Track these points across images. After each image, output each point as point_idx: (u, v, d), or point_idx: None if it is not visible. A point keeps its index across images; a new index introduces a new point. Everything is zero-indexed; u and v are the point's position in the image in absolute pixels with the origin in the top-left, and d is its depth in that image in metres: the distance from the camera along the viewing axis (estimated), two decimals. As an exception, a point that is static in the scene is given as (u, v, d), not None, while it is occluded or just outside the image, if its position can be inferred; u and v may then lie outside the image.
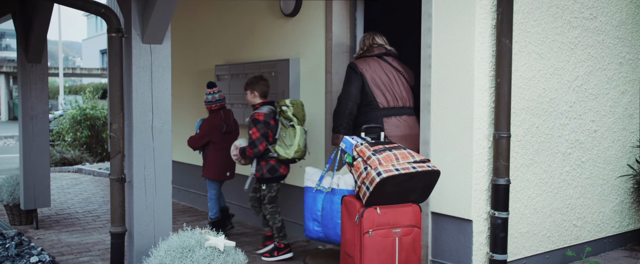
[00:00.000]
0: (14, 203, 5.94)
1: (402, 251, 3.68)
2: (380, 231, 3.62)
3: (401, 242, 3.67)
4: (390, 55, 4.50)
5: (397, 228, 3.67)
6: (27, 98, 5.74)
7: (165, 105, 3.68)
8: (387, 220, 3.65)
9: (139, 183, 3.60)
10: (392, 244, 3.64)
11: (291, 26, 5.50)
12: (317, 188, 4.14)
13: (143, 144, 3.60)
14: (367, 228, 3.60)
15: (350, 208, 3.77)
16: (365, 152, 3.70)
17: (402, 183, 3.60)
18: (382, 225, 3.63)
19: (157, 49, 3.63)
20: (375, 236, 3.60)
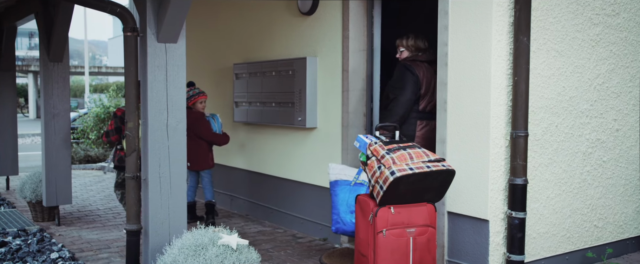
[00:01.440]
0: (37, 199, 6.04)
1: (417, 251, 3.65)
2: (394, 230, 3.59)
3: (415, 242, 3.64)
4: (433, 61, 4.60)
5: (411, 227, 3.64)
6: (49, 96, 5.83)
7: (180, 104, 3.71)
8: (401, 220, 3.62)
9: (154, 181, 3.62)
10: (407, 244, 3.62)
11: (308, 24, 5.49)
12: (357, 182, 4.20)
13: (158, 142, 3.63)
14: (381, 228, 3.57)
15: (364, 207, 3.75)
16: (379, 151, 3.67)
17: (416, 182, 3.57)
18: (396, 225, 3.60)
19: (172, 48, 3.65)
20: (389, 235, 3.57)
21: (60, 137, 5.88)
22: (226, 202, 6.85)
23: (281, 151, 5.83)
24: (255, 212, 6.32)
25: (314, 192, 5.46)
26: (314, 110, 5.41)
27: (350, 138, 5.07)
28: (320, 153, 5.36)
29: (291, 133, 5.68)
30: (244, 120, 6.34)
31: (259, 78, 6.01)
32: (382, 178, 3.55)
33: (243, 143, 6.50)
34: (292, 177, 5.68)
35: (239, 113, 6.43)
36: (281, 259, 4.83)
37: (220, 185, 6.93)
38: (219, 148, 6.54)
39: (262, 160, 6.16)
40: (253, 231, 5.80)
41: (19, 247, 4.87)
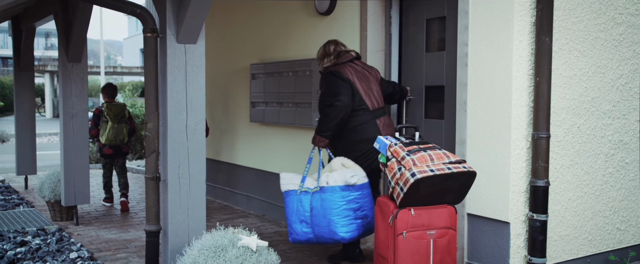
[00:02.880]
0: (55, 199, 6.08)
1: (437, 253, 3.62)
2: (415, 232, 3.57)
3: (436, 244, 3.61)
4: (358, 59, 4.58)
5: (431, 229, 3.60)
6: (68, 96, 5.86)
7: (199, 105, 3.70)
8: (421, 222, 3.59)
9: (174, 182, 3.62)
10: (427, 246, 3.59)
11: (326, 25, 5.47)
12: (302, 190, 4.16)
13: (177, 143, 3.63)
14: (401, 230, 3.55)
15: (384, 209, 3.72)
16: (399, 152, 3.65)
17: (436, 184, 3.54)
18: (416, 227, 3.57)
19: (191, 49, 3.65)
20: (409, 237, 3.54)
21: (79, 137, 5.91)
22: (242, 202, 6.85)
23: (298, 152, 5.82)
24: (271, 212, 6.31)
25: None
26: (332, 110, 5.38)
27: (368, 139, 5.04)
28: (337, 154, 5.33)
29: (308, 133, 5.66)
30: (261, 120, 6.33)
31: (275, 79, 6.00)
32: (402, 179, 3.53)
33: (260, 143, 6.49)
34: (309, 178, 5.65)
35: (256, 114, 6.43)
36: (299, 260, 4.82)
37: (236, 185, 6.93)
38: (236, 148, 6.55)
39: (278, 160, 6.15)
40: (270, 231, 5.79)
41: (39, 246, 4.90)
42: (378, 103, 4.47)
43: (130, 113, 6.92)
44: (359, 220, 4.04)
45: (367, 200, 4.09)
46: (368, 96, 4.42)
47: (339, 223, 3.99)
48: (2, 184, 8.43)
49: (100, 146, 6.84)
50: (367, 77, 4.49)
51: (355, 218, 4.03)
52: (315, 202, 4.08)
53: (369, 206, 4.10)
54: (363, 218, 4.04)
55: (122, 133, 6.77)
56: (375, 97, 4.46)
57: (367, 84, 4.45)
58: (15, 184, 8.65)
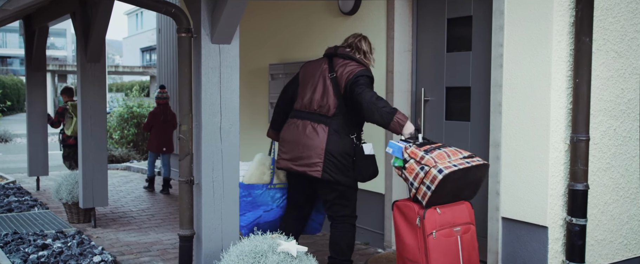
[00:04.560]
0: (73, 201, 6.00)
1: (465, 249, 3.55)
2: (443, 231, 3.49)
3: (462, 240, 3.55)
4: (341, 56, 4.01)
5: (456, 226, 3.54)
6: (86, 97, 5.78)
7: (233, 106, 3.62)
8: (447, 220, 3.51)
9: (207, 186, 3.54)
10: (455, 243, 3.52)
11: (349, 24, 5.39)
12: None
13: (211, 146, 3.55)
14: (430, 230, 3.45)
15: (407, 213, 3.60)
16: (417, 153, 3.53)
17: (459, 179, 3.46)
18: (443, 225, 3.50)
19: (225, 49, 3.57)
20: (439, 237, 3.46)
21: (97, 138, 5.83)
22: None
23: (320, 154, 5.74)
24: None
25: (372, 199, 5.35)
26: (356, 111, 5.31)
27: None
28: (362, 156, 5.26)
29: (331, 135, 5.58)
30: (280, 122, 6.24)
31: (296, 79, 5.92)
32: (429, 177, 3.43)
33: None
34: (332, 180, 5.58)
35: (275, 115, 6.34)
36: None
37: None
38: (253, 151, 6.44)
39: (299, 162, 6.07)
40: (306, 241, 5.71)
41: (61, 250, 4.82)
42: (311, 106, 3.95)
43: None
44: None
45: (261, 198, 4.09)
46: (303, 95, 4.02)
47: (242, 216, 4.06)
48: (14, 185, 8.34)
49: (64, 138, 8.22)
50: (315, 76, 4.00)
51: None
52: None
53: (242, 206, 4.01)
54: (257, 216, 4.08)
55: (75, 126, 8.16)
56: (312, 98, 3.96)
57: (312, 83, 4.00)
58: (26, 185, 8.56)
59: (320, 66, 4.03)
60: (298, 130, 3.95)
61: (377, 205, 5.16)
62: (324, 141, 3.84)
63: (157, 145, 8.07)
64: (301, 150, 3.89)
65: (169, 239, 5.51)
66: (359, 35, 4.15)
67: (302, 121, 3.95)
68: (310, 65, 4.12)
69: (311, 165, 3.84)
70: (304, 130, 3.91)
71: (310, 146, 3.86)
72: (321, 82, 3.94)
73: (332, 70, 3.94)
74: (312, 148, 3.86)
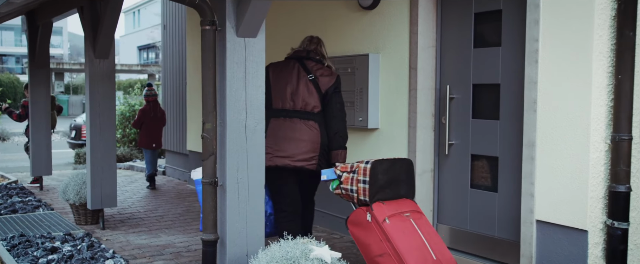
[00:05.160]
0: (80, 202, 5.79)
1: (423, 230, 3.68)
2: (394, 216, 3.65)
3: (417, 223, 3.70)
4: (312, 59, 4.26)
5: (405, 212, 3.73)
6: (95, 94, 5.57)
7: (258, 104, 3.44)
8: (393, 208, 3.70)
9: (232, 187, 3.36)
10: (411, 225, 3.67)
11: (369, 20, 5.20)
12: None
13: (236, 145, 3.36)
14: (382, 218, 3.60)
15: (357, 219, 3.74)
16: (346, 166, 3.81)
17: (389, 170, 3.72)
18: (392, 212, 3.66)
19: (251, 43, 3.38)
20: (392, 221, 3.61)
21: (106, 137, 5.63)
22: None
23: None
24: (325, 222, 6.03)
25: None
26: (376, 109, 5.13)
27: (418, 140, 4.79)
28: (382, 156, 5.08)
29: (350, 134, 5.37)
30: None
31: (312, 76, 5.73)
32: (361, 173, 3.69)
33: (292, 143, 6.22)
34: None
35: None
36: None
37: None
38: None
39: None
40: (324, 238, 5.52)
41: (71, 254, 4.62)
42: (295, 106, 4.14)
43: (54, 98, 8.79)
44: None
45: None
46: (282, 95, 4.15)
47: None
48: (16, 185, 8.13)
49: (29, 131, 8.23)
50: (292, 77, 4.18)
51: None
52: None
53: None
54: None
55: (54, 119, 8.52)
56: (296, 98, 4.14)
57: (291, 84, 4.17)
58: (29, 185, 8.34)
59: (292, 68, 4.22)
60: (291, 127, 4.10)
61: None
62: (318, 136, 4.13)
63: (148, 141, 8.22)
64: (297, 146, 4.07)
65: (181, 242, 5.31)
66: (317, 39, 4.42)
67: (290, 119, 4.12)
68: (279, 67, 4.28)
69: (308, 159, 4.08)
70: (297, 127, 4.10)
71: (306, 142, 4.09)
72: (303, 83, 4.15)
73: (308, 72, 4.18)
74: (308, 143, 4.09)
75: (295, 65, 4.23)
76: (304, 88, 4.15)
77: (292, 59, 4.30)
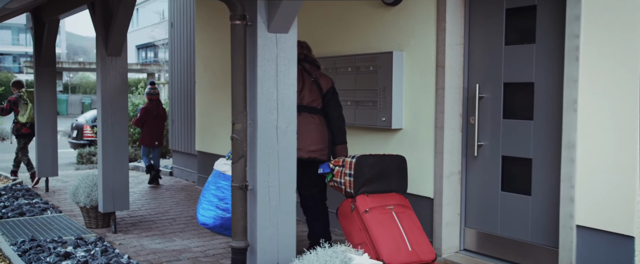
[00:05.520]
0: (91, 205, 5.60)
1: (402, 221, 3.86)
2: (376, 208, 3.85)
3: (399, 216, 3.88)
4: (309, 62, 4.56)
5: (388, 205, 3.91)
6: (107, 93, 5.38)
7: (290, 103, 3.26)
8: (377, 201, 3.90)
9: (263, 191, 3.17)
10: (392, 217, 3.85)
11: (392, 16, 5.02)
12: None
13: (267, 147, 3.18)
14: (363, 209, 3.83)
15: (344, 210, 4.02)
16: (339, 160, 4.07)
17: (376, 165, 3.96)
18: (375, 205, 3.87)
19: (283, 39, 3.20)
20: (372, 212, 3.82)
21: (118, 138, 5.44)
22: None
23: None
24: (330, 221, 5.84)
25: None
26: (400, 109, 4.95)
27: (445, 141, 4.61)
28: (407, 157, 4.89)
29: (372, 135, 5.22)
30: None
31: (331, 75, 5.53)
32: (347, 167, 3.96)
33: (309, 144, 6.04)
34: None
35: (305, 113, 5.97)
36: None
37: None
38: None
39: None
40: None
41: (85, 259, 4.43)
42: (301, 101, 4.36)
43: None
44: (220, 211, 3.89)
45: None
46: None
47: (202, 205, 3.96)
48: (20, 186, 7.92)
49: (17, 127, 8.23)
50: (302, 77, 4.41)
51: (217, 207, 3.90)
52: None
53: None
54: (224, 210, 3.85)
55: None
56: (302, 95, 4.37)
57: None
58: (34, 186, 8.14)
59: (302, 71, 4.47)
60: (305, 120, 4.32)
61: (425, 210, 4.80)
62: (325, 128, 4.43)
63: (150, 139, 8.30)
64: (309, 137, 4.31)
65: (198, 246, 5.13)
66: (307, 45, 4.65)
67: (299, 114, 4.25)
68: None
69: (318, 150, 4.34)
70: (306, 121, 4.33)
71: (316, 133, 4.36)
72: (307, 82, 4.42)
73: (309, 74, 4.47)
74: (318, 134, 4.37)
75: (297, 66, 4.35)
76: (308, 87, 4.41)
77: None
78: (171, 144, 9.64)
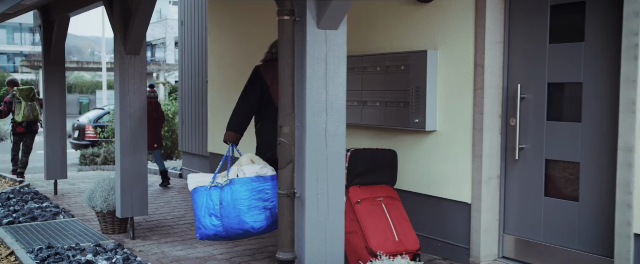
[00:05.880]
0: (108, 209, 5.37)
1: (391, 212, 4.15)
2: (366, 200, 4.13)
3: (388, 208, 4.18)
4: None
5: (378, 197, 4.20)
6: (125, 93, 5.15)
7: (339, 105, 3.05)
8: (368, 193, 4.19)
9: (311, 199, 2.97)
10: (380, 207, 4.14)
11: (425, 14, 4.81)
12: (212, 185, 4.13)
13: (315, 151, 2.97)
14: (355, 200, 4.09)
15: None
16: None
17: (369, 159, 4.25)
18: (366, 196, 4.15)
19: (332, 36, 2.99)
20: (363, 203, 4.10)
21: (137, 140, 5.21)
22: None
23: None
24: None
25: (432, 205, 4.80)
26: (434, 110, 4.75)
27: (484, 144, 4.41)
28: (440, 161, 4.70)
29: (403, 136, 5.01)
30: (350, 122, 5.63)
31: (358, 75, 5.34)
32: None
33: (332, 146, 5.82)
34: (404, 187, 5.00)
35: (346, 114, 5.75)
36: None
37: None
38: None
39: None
40: (356, 247, 5.13)
41: (108, 269, 4.21)
42: None
43: (36, 92, 8.64)
44: (268, 211, 3.97)
45: (275, 191, 4.00)
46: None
47: (248, 213, 3.95)
48: (28, 189, 7.68)
49: (13, 126, 8.43)
50: None
51: (265, 208, 3.97)
52: (225, 195, 4.07)
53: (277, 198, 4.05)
54: (271, 209, 3.97)
55: (36, 110, 8.40)
56: None
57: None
58: (42, 189, 7.90)
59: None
60: None
61: (461, 216, 4.60)
62: None
63: (149, 142, 8.18)
64: None
65: (221, 253, 4.91)
66: None
67: None
68: (268, 69, 4.53)
69: None
70: None
71: None
72: None
73: None
74: None
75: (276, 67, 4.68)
76: None
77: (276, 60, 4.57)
78: (180, 145, 9.41)
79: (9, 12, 6.03)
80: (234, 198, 3.99)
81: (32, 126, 8.52)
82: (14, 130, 8.46)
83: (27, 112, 8.27)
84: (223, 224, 4.05)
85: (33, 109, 8.39)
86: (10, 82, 8.77)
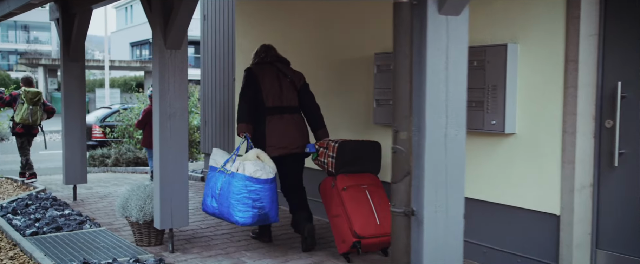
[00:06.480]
0: (145, 220, 4.86)
1: (374, 198, 4.51)
2: (352, 187, 4.51)
3: (371, 194, 4.53)
4: (281, 62, 5.04)
5: (363, 185, 4.57)
6: (165, 91, 4.65)
7: (460, 105, 2.58)
8: (354, 181, 4.56)
9: (430, 216, 2.49)
10: (364, 194, 4.51)
11: (502, 3, 4.34)
12: (220, 169, 4.61)
13: (435, 160, 2.50)
14: (341, 187, 4.48)
15: (325, 186, 4.68)
16: (323, 142, 4.74)
17: (355, 149, 4.60)
18: (351, 183, 4.53)
19: (454, 23, 2.52)
20: (349, 190, 4.48)
21: (178, 144, 4.71)
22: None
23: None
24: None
25: (510, 216, 4.33)
26: (514, 111, 4.28)
27: (577, 149, 3.94)
28: (521, 167, 4.23)
29: (476, 139, 4.52)
30: (388, 122, 5.18)
31: (420, 71, 4.86)
32: (330, 149, 4.59)
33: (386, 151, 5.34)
34: (475, 196, 4.52)
35: (382, 114, 5.28)
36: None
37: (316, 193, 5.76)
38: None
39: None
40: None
41: (159, 290, 3.71)
42: (282, 102, 4.87)
43: (43, 98, 8.23)
44: (256, 210, 4.42)
45: (267, 193, 4.45)
46: (272, 95, 4.83)
47: (236, 208, 4.40)
48: (45, 194, 7.16)
49: (13, 125, 8.12)
50: (279, 78, 4.91)
51: (253, 207, 4.41)
52: (224, 184, 4.52)
53: (269, 199, 4.47)
54: (260, 209, 4.43)
55: (36, 115, 8.00)
56: (279, 96, 4.86)
57: (274, 83, 4.87)
58: (59, 194, 7.37)
59: (271, 70, 4.94)
60: (287, 122, 4.85)
61: (547, 229, 4.13)
62: (305, 126, 4.98)
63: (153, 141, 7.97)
64: (294, 135, 4.85)
65: (275, 269, 4.42)
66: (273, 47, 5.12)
67: (282, 115, 4.86)
68: (263, 70, 4.93)
69: (301, 145, 4.87)
70: (290, 121, 4.87)
71: (299, 130, 4.91)
72: (285, 83, 4.92)
73: (285, 74, 4.94)
74: (301, 131, 4.93)
75: (273, 68, 4.95)
76: (287, 87, 4.90)
77: (266, 63, 4.98)
78: (203, 147, 8.90)
79: (34, 2, 5.51)
80: (229, 190, 4.45)
81: (31, 129, 8.17)
82: (13, 129, 8.13)
83: (26, 115, 7.92)
84: (219, 208, 4.54)
85: (33, 114, 7.98)
86: (24, 79, 8.24)
